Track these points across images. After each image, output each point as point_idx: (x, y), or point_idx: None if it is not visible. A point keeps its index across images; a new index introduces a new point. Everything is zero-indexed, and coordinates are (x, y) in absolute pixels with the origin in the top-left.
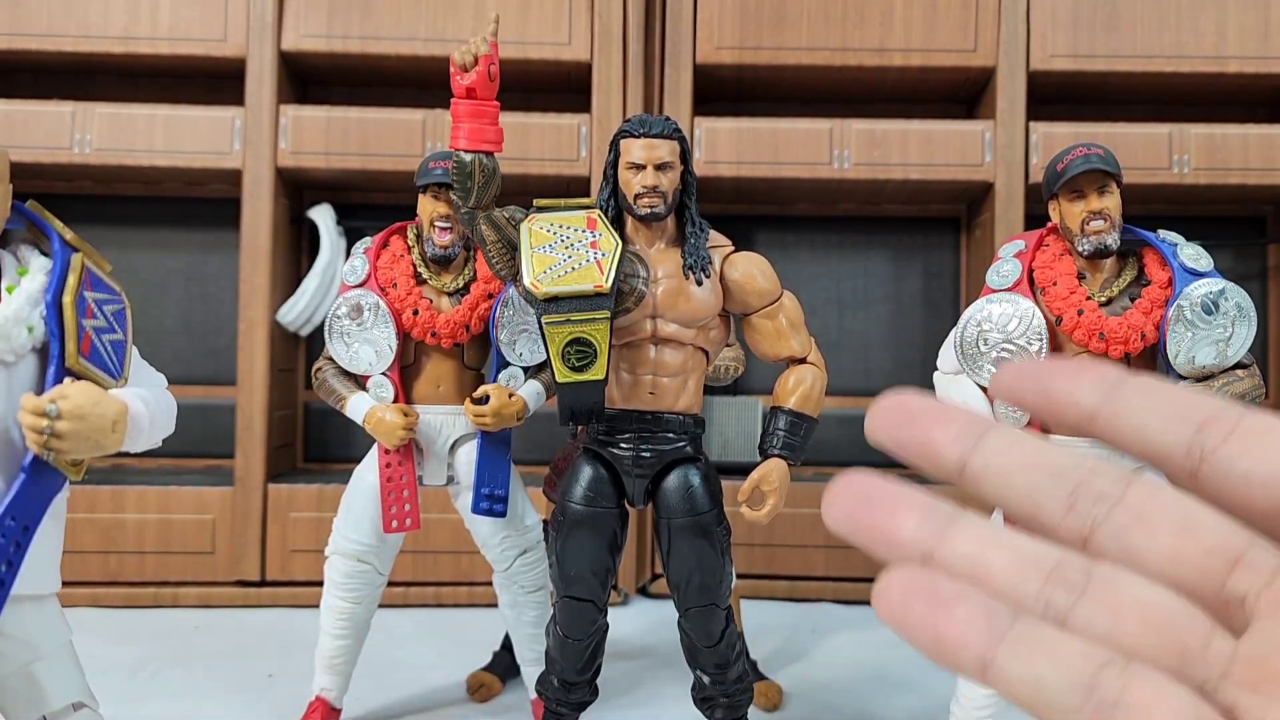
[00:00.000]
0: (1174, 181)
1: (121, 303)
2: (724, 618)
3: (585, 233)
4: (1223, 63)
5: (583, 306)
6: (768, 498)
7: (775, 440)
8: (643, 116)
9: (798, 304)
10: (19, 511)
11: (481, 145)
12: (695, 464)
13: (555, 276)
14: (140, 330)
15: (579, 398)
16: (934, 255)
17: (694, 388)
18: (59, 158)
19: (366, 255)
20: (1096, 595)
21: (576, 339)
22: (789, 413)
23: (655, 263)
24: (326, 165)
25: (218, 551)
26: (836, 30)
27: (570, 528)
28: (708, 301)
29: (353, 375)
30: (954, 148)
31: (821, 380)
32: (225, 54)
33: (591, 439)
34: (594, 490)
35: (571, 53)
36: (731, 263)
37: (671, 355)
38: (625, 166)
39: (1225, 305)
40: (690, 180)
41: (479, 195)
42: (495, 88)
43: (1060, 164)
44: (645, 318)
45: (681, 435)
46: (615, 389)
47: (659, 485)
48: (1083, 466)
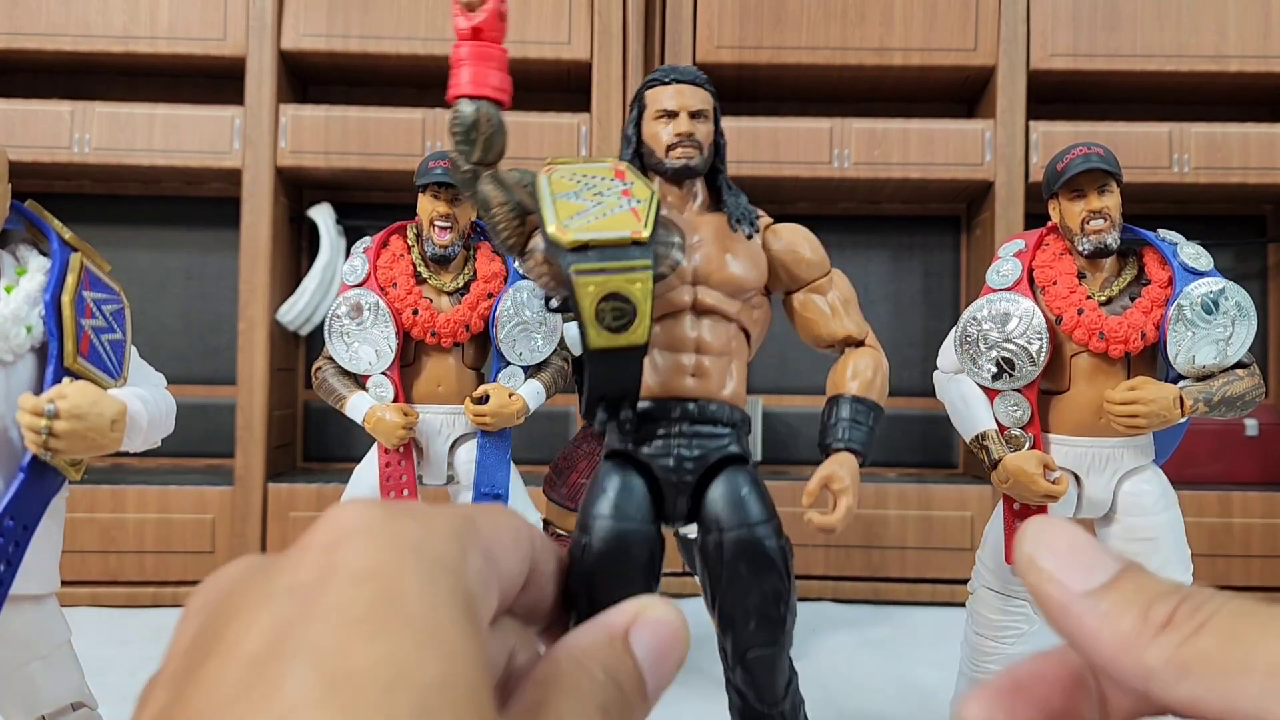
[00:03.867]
0: (1174, 181)
1: (120, 302)
2: (789, 665)
3: (614, 181)
4: (1223, 62)
5: (619, 256)
6: (838, 499)
7: (839, 431)
8: (670, 65)
9: (849, 282)
10: (18, 511)
11: (486, 90)
12: (743, 467)
13: (586, 222)
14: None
15: (615, 373)
16: (934, 254)
17: (739, 375)
18: (58, 157)
19: (366, 254)
20: None
21: (614, 293)
22: (853, 399)
23: (689, 228)
24: (326, 164)
25: (218, 551)
26: (836, 29)
27: (597, 553)
28: (753, 267)
29: (352, 375)
30: (954, 147)
31: (884, 367)
32: (225, 53)
33: (618, 439)
34: (625, 503)
35: (571, 52)
36: (774, 232)
37: (715, 331)
38: (653, 117)
39: (1225, 304)
40: (721, 143)
41: (484, 149)
42: (505, 31)
43: (1060, 163)
44: (683, 285)
45: (728, 428)
46: (650, 374)
47: (700, 497)
48: None
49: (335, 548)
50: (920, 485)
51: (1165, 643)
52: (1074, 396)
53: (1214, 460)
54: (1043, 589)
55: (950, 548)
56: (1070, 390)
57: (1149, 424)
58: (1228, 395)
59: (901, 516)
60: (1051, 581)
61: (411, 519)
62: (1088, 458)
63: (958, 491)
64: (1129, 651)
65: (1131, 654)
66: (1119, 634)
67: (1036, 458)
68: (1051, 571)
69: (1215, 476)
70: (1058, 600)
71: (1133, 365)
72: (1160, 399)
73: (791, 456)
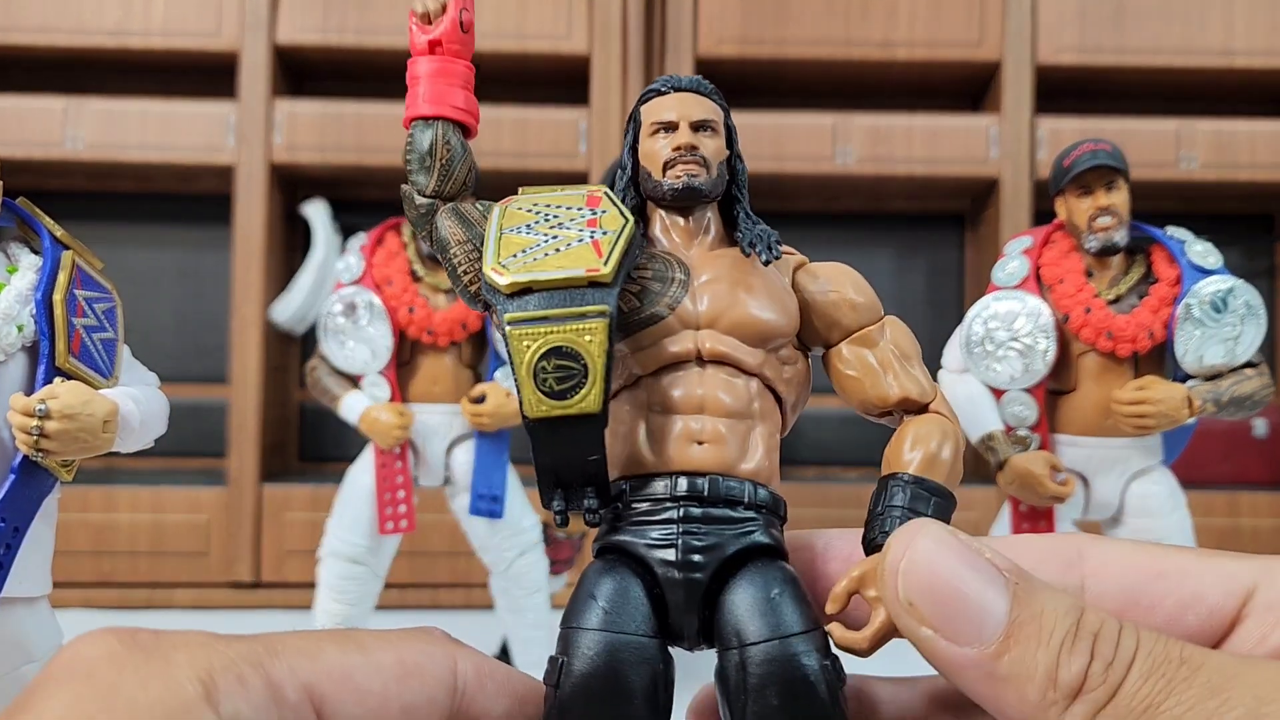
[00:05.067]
0: (1181, 178)
1: (113, 300)
2: None
3: (582, 210)
4: (1230, 57)
5: (568, 301)
6: (875, 607)
7: (889, 522)
8: (669, 75)
9: (909, 332)
10: (9, 513)
11: (445, 109)
12: (774, 561)
13: (530, 260)
14: (132, 328)
15: (564, 451)
16: (938, 252)
17: (765, 445)
18: (51, 153)
19: (362, 252)
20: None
21: (556, 348)
22: (910, 482)
23: (698, 266)
24: (321, 160)
25: (211, 553)
26: (840, 24)
27: (579, 675)
28: (777, 308)
29: (347, 374)
30: (959, 143)
31: (955, 437)
32: (219, 48)
33: (607, 531)
34: (617, 610)
35: (570, 45)
36: (809, 272)
37: (727, 387)
38: (650, 133)
39: (1234, 303)
40: (740, 168)
41: (441, 177)
42: (470, 45)
43: (1067, 160)
44: (685, 330)
45: (750, 511)
46: (643, 443)
47: (716, 603)
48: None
49: (34, 697)
50: None
51: (1079, 714)
52: (1081, 396)
53: (1222, 461)
54: (929, 647)
55: None
56: (1077, 390)
57: (1157, 424)
58: (1236, 395)
59: None
60: (936, 641)
61: (148, 659)
62: (1095, 459)
63: (962, 493)
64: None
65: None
66: (1025, 703)
67: (1043, 459)
68: (936, 627)
69: (1223, 477)
70: (948, 659)
71: (1140, 365)
72: (1169, 399)
73: (792, 455)
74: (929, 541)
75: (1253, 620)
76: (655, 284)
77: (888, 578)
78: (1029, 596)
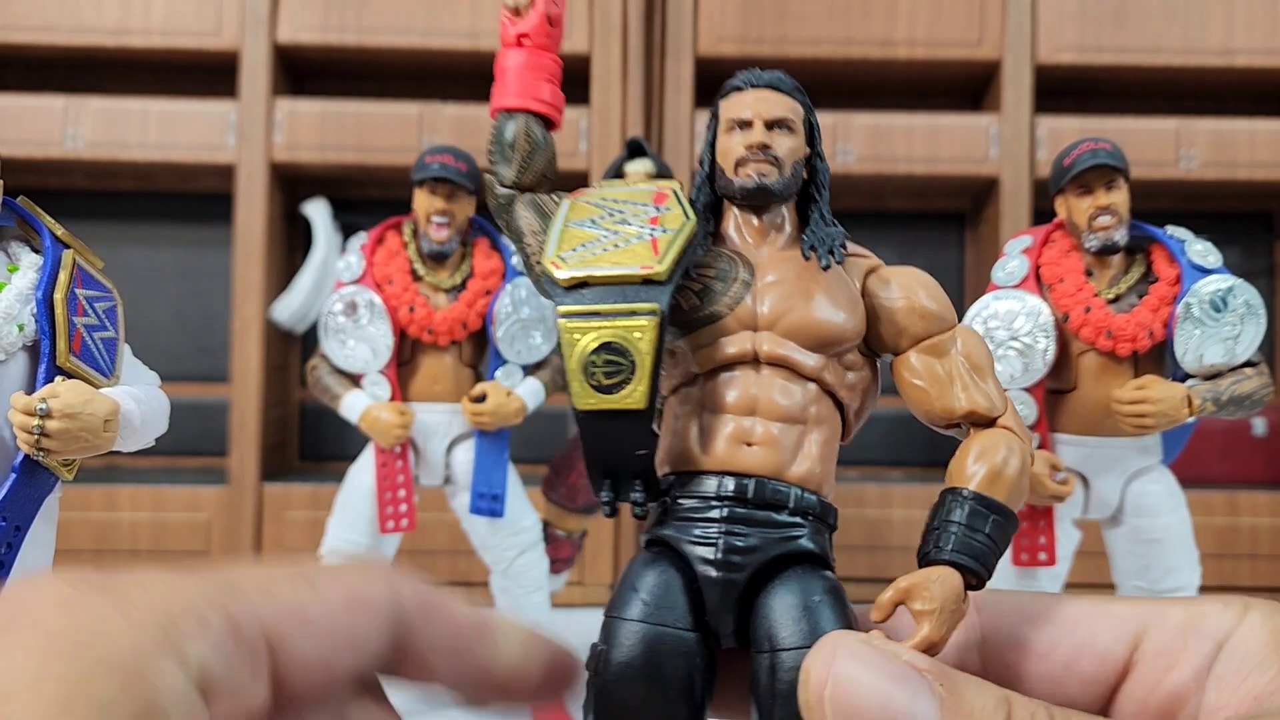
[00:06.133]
0: (1181, 177)
1: (113, 299)
2: None
3: (647, 207)
4: (1230, 56)
5: (621, 297)
6: (920, 621)
7: (945, 538)
8: (752, 70)
9: (982, 342)
10: (10, 512)
11: (529, 102)
12: (817, 569)
13: (588, 255)
14: (133, 327)
15: (611, 444)
16: (938, 251)
17: (819, 452)
18: (51, 152)
19: (362, 251)
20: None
21: (606, 343)
22: (970, 498)
23: (764, 266)
24: (322, 159)
25: (212, 552)
26: (840, 23)
27: (618, 664)
28: (842, 311)
29: (348, 373)
30: (959, 142)
31: (1023, 454)
32: (219, 47)
33: (654, 524)
34: (659, 603)
35: (570, 44)
36: (880, 277)
37: (783, 390)
38: (726, 129)
39: (1234, 303)
40: (821, 168)
41: (520, 168)
42: (557, 39)
43: (1067, 159)
44: (743, 331)
45: (796, 516)
46: (693, 441)
47: (754, 603)
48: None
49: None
50: (925, 485)
51: None
52: (1081, 396)
53: (1222, 460)
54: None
55: None
56: (1077, 389)
57: (1157, 424)
58: (1236, 394)
59: (906, 517)
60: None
61: (102, 602)
62: (1095, 458)
63: None
64: None
65: None
66: None
67: (1043, 458)
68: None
69: (1223, 476)
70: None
71: (1140, 364)
72: (1168, 398)
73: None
74: (849, 661)
75: (1144, 666)
76: (717, 283)
77: (814, 707)
78: (956, 698)
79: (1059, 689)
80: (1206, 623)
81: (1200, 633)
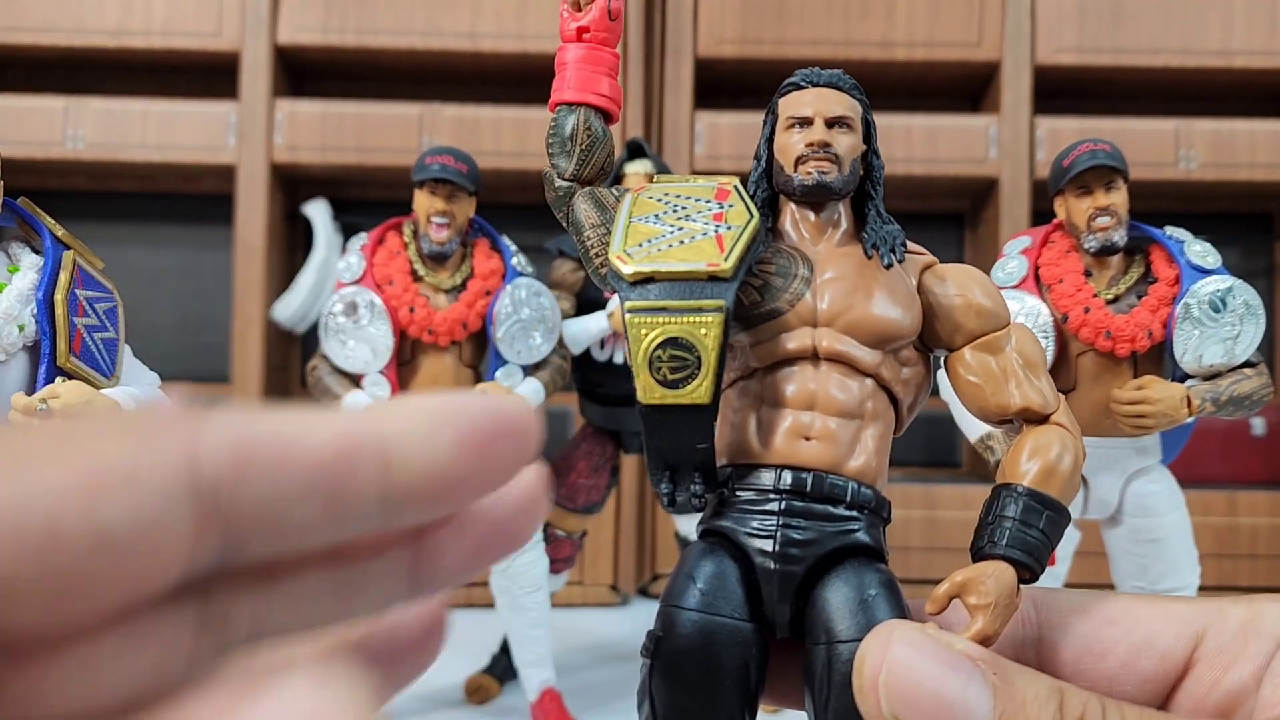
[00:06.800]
0: (1180, 177)
1: (114, 300)
2: None
3: (710, 203)
4: (1229, 57)
5: (687, 293)
6: (975, 614)
7: (1000, 533)
8: (812, 69)
9: (1037, 339)
10: None
11: (589, 96)
12: (872, 562)
13: (654, 250)
14: (133, 328)
15: (673, 437)
16: (937, 252)
17: (875, 446)
18: (51, 153)
19: (363, 252)
20: None
21: (672, 339)
22: (1024, 494)
23: (823, 262)
24: (322, 160)
25: None
26: (839, 23)
27: (672, 652)
28: (901, 308)
29: (348, 374)
30: (958, 143)
31: (1076, 450)
32: (220, 48)
33: (711, 515)
34: (715, 592)
35: None
36: (936, 274)
37: (841, 385)
38: (785, 127)
39: (1233, 303)
40: (877, 165)
41: (580, 161)
42: (617, 33)
43: (1066, 160)
44: (803, 326)
45: (853, 510)
46: (752, 434)
47: (810, 595)
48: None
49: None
50: (924, 485)
51: None
52: (1080, 396)
53: (1221, 460)
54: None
55: (954, 548)
56: (1076, 390)
57: (1156, 424)
58: (1235, 394)
59: (905, 517)
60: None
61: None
62: (1094, 458)
63: (962, 492)
64: None
65: None
66: None
67: None
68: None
69: (1222, 476)
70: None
71: (1139, 364)
72: (1168, 398)
73: None
74: (904, 648)
75: (1204, 664)
76: (778, 279)
77: (868, 693)
78: (1009, 687)
79: (1116, 687)
80: (1267, 621)
81: (1260, 632)
